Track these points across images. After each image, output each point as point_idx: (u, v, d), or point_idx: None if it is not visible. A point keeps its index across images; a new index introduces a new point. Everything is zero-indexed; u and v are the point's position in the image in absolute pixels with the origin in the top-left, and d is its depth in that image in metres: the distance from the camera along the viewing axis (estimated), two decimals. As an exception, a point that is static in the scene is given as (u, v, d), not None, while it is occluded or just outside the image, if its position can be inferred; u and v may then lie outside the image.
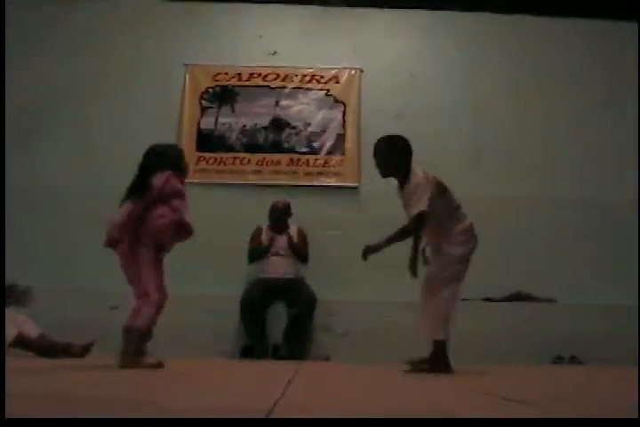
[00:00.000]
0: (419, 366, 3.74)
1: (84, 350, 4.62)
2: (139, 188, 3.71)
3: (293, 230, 6.15)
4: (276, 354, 5.62)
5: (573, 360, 5.73)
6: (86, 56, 7.07)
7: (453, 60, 7.31)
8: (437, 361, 3.70)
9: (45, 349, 4.61)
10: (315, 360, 5.52)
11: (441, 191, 3.83)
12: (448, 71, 7.26)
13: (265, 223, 6.18)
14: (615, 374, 4.25)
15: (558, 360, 5.75)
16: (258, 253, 6.00)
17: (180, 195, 3.76)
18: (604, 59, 7.23)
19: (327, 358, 5.69)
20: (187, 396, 2.11)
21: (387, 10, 7.38)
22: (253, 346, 5.69)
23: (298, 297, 5.77)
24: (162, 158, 3.85)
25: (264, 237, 6.07)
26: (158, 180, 3.69)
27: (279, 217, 6.16)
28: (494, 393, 2.38)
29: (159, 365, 3.54)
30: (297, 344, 5.67)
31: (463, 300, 6.12)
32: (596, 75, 7.18)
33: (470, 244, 3.89)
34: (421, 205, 3.67)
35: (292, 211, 6.19)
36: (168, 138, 6.83)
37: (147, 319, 3.58)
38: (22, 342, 4.60)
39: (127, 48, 7.17)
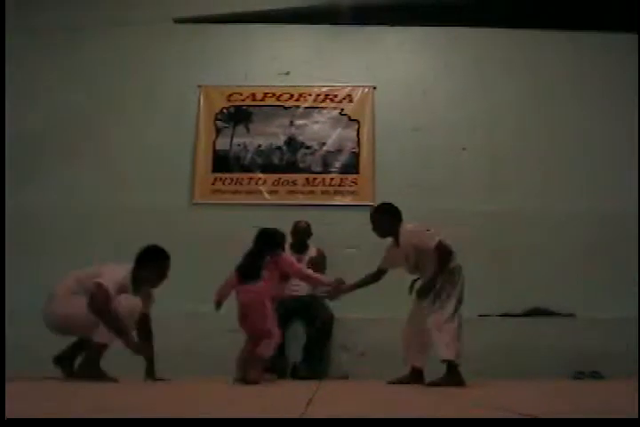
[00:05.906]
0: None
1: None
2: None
3: (313, 251, 6.18)
4: (295, 373, 5.62)
5: (595, 375, 5.66)
6: (102, 80, 7.21)
7: (465, 75, 7.37)
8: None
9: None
10: (334, 379, 5.50)
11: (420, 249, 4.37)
12: (460, 87, 7.32)
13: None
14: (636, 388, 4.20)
15: (579, 375, 5.67)
16: None
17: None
18: (617, 71, 7.25)
19: (346, 377, 5.67)
20: (206, 416, 2.12)
21: (397, 27, 7.47)
22: (272, 365, 5.68)
23: (315, 316, 5.77)
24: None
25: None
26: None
27: (301, 238, 6.19)
28: (510, 408, 2.36)
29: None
30: (316, 363, 5.67)
31: (482, 316, 6.14)
32: (609, 87, 7.19)
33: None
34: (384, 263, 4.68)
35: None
36: (184, 159, 6.94)
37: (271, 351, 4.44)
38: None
39: (142, 70, 7.30)
